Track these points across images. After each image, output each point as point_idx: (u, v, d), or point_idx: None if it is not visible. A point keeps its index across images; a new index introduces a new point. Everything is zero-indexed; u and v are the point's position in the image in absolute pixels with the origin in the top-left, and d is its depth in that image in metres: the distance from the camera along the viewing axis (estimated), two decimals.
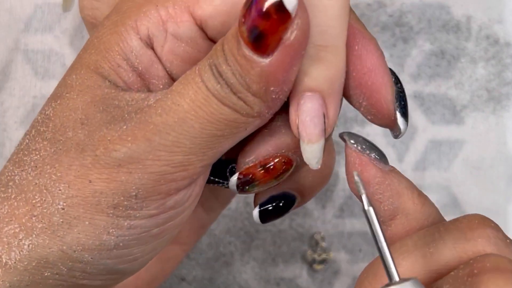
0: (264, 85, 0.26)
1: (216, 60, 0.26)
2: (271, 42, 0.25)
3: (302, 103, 0.27)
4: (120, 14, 0.29)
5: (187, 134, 0.26)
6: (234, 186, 0.30)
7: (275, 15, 0.24)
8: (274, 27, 0.24)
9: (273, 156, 0.29)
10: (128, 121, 0.27)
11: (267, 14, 0.24)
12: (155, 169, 0.27)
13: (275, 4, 0.24)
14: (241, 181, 0.30)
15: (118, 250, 0.28)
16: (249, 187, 0.30)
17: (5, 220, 0.27)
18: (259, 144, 0.29)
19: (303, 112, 0.27)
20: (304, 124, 0.27)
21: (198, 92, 0.26)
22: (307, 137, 0.27)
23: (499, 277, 0.23)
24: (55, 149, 0.27)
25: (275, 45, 0.25)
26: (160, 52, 0.28)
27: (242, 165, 0.30)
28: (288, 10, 0.24)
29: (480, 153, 0.47)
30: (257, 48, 0.25)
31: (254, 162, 0.29)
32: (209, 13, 0.27)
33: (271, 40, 0.25)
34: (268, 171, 0.29)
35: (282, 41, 0.25)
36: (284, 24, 0.24)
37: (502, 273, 0.23)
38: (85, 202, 0.27)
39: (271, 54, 0.25)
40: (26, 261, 0.27)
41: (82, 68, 0.29)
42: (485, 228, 0.26)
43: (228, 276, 0.46)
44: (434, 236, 0.26)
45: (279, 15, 0.24)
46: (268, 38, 0.25)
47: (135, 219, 0.28)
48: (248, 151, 0.29)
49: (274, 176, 0.29)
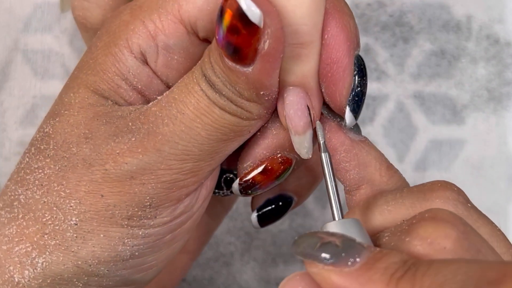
0: (254, 91, 0.26)
1: (206, 72, 0.27)
2: (248, 53, 0.25)
3: (285, 97, 0.27)
4: (111, 34, 0.29)
5: (195, 142, 0.27)
6: (237, 191, 0.30)
7: (244, 30, 0.24)
8: (246, 40, 0.24)
9: (269, 158, 0.29)
10: (136, 132, 0.27)
11: (236, 30, 0.24)
12: (167, 178, 0.27)
13: (240, 19, 0.24)
14: (243, 186, 0.30)
15: (133, 260, 0.28)
16: (251, 191, 0.30)
17: (15, 240, 0.27)
18: (253, 148, 0.29)
19: (287, 106, 0.27)
20: (290, 117, 0.27)
21: (200, 100, 0.27)
22: (293, 128, 0.27)
23: (430, 224, 0.23)
24: (60, 166, 0.27)
25: (253, 55, 0.25)
26: (155, 67, 0.29)
27: (241, 171, 0.30)
28: (254, 23, 0.24)
29: (480, 153, 0.47)
30: (237, 60, 0.25)
31: (252, 167, 0.30)
32: (195, 14, 0.27)
33: (247, 52, 0.25)
34: (267, 173, 0.30)
35: (258, 50, 0.25)
36: (255, 35, 0.24)
37: (435, 221, 0.23)
38: (98, 216, 0.27)
39: (252, 63, 0.25)
40: (41, 279, 0.27)
41: (80, 87, 0.29)
42: (446, 191, 0.26)
43: (228, 277, 0.46)
44: (395, 196, 0.27)
45: (247, 29, 0.24)
46: (244, 51, 0.25)
47: (149, 227, 0.28)
48: (245, 157, 0.30)
49: (274, 177, 0.30)
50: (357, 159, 0.29)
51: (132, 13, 0.28)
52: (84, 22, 0.36)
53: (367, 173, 0.29)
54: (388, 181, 0.29)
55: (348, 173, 0.29)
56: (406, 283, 0.20)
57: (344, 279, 0.21)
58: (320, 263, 0.22)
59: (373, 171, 0.29)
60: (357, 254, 0.22)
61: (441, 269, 0.20)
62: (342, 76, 0.27)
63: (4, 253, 0.27)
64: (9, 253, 0.27)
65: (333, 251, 0.22)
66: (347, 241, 0.22)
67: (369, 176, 0.29)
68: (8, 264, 0.27)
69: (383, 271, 0.21)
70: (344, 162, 0.29)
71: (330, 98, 0.28)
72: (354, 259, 0.21)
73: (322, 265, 0.22)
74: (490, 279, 0.19)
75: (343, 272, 0.21)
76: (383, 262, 0.21)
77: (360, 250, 0.22)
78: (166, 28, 0.28)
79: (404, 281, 0.20)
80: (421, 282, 0.20)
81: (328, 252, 0.22)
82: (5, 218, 0.28)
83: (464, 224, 0.23)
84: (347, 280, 0.21)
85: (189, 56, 0.29)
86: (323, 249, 0.22)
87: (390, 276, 0.21)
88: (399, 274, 0.21)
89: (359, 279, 0.21)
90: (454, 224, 0.23)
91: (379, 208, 0.27)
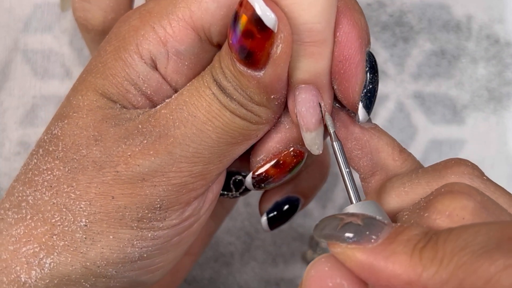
0: (265, 95, 0.27)
1: (216, 76, 0.27)
2: (261, 58, 0.26)
3: (297, 95, 0.27)
4: (120, 39, 0.29)
5: (206, 145, 0.27)
6: (250, 185, 0.31)
7: (259, 34, 0.25)
8: (261, 44, 0.25)
9: (282, 151, 0.30)
10: (147, 135, 0.27)
11: (251, 34, 0.25)
12: (178, 180, 0.27)
13: (255, 24, 0.25)
14: (256, 180, 0.30)
15: (141, 261, 0.28)
16: (265, 184, 0.31)
17: (23, 240, 0.27)
18: (267, 142, 0.30)
19: (299, 103, 0.27)
20: (301, 114, 0.28)
21: (212, 104, 0.27)
22: (305, 126, 0.28)
23: (447, 197, 0.23)
24: (70, 168, 0.28)
25: (266, 59, 0.26)
26: (164, 73, 0.29)
27: (254, 165, 0.31)
28: (269, 28, 0.25)
29: (480, 153, 0.46)
30: (249, 65, 0.26)
31: (265, 160, 0.30)
32: (209, 20, 0.28)
33: (260, 56, 0.25)
34: (280, 166, 0.30)
35: (270, 55, 0.25)
36: (269, 40, 0.25)
37: (452, 194, 0.23)
38: (108, 218, 0.27)
39: (263, 68, 0.26)
40: (48, 279, 0.27)
41: (88, 90, 0.29)
42: (460, 166, 0.26)
43: (228, 277, 0.46)
44: (411, 177, 0.27)
45: (262, 33, 0.25)
46: (257, 55, 0.25)
47: (159, 229, 0.28)
48: (258, 151, 0.30)
49: (287, 170, 0.30)
50: (368, 146, 0.29)
51: (142, 18, 0.28)
52: (85, 24, 0.36)
53: (380, 159, 0.29)
54: (402, 165, 0.29)
55: (361, 161, 0.29)
56: (429, 252, 0.20)
57: (368, 255, 0.21)
58: (343, 243, 0.22)
59: (385, 157, 0.29)
60: (379, 231, 0.22)
61: (461, 234, 0.20)
62: (354, 72, 0.27)
63: (11, 253, 0.27)
64: (16, 254, 0.27)
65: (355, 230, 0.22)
66: (368, 219, 0.23)
67: (383, 162, 0.29)
68: (14, 264, 0.27)
69: (406, 243, 0.21)
70: (356, 150, 0.29)
71: (343, 95, 0.28)
72: (376, 236, 0.22)
73: (345, 244, 0.22)
74: (510, 236, 0.20)
75: (366, 249, 0.22)
76: (404, 235, 0.22)
77: (381, 227, 0.22)
78: (177, 34, 0.28)
79: (427, 250, 0.21)
80: (443, 248, 0.20)
81: (351, 231, 0.22)
82: (13, 219, 0.28)
83: (481, 195, 0.24)
84: (371, 256, 0.21)
85: (200, 62, 0.29)
86: (345, 229, 0.22)
87: (413, 247, 0.21)
88: (422, 245, 0.21)
89: (382, 253, 0.21)
90: (470, 195, 0.23)
91: (396, 190, 0.27)
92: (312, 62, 0.27)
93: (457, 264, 0.20)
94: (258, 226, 0.46)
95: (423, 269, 0.20)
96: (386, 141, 0.29)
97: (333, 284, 0.22)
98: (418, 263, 0.20)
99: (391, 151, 0.29)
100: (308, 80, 0.27)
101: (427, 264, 0.20)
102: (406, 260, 0.21)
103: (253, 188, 0.31)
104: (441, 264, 0.20)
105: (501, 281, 0.19)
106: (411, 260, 0.21)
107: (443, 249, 0.20)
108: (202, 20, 0.28)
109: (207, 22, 0.28)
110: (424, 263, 0.20)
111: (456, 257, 0.20)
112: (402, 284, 0.21)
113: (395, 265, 0.21)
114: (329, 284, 0.22)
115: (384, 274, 0.21)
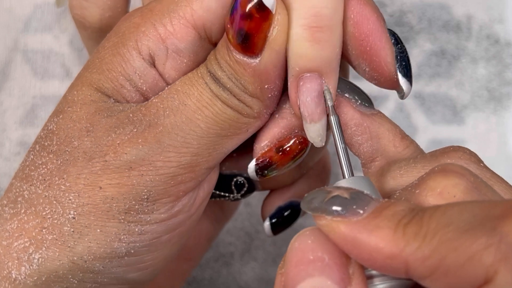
0: (259, 85, 0.27)
1: (211, 68, 0.27)
2: (257, 41, 0.26)
3: (301, 84, 0.27)
4: (120, 35, 0.29)
5: (194, 134, 0.27)
6: (253, 172, 0.30)
7: (257, 14, 0.26)
8: (258, 25, 0.26)
9: (287, 137, 0.30)
10: (137, 123, 0.27)
11: (250, 15, 0.26)
12: (165, 170, 0.27)
13: (256, 5, 0.26)
14: (259, 166, 0.30)
15: (129, 258, 0.28)
16: (267, 171, 0.30)
17: (15, 235, 0.27)
18: (272, 128, 0.30)
19: (303, 93, 0.27)
20: (306, 105, 0.27)
21: (203, 93, 0.27)
22: (309, 117, 0.28)
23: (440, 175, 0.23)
24: (62, 160, 0.28)
25: (262, 44, 0.26)
26: (162, 69, 0.29)
27: (258, 151, 0.30)
28: (268, 8, 0.26)
29: (480, 153, 0.46)
30: (246, 50, 0.26)
31: (270, 146, 0.30)
32: (210, 19, 0.28)
33: (257, 39, 0.26)
34: (285, 152, 0.30)
35: (267, 38, 0.26)
36: (267, 21, 0.26)
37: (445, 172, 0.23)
38: (96, 210, 0.27)
39: (260, 53, 0.26)
40: (36, 276, 0.27)
41: (84, 85, 0.29)
42: (457, 152, 0.26)
43: (228, 277, 0.46)
44: (408, 162, 0.27)
45: (260, 13, 0.26)
46: (254, 37, 0.26)
47: (146, 223, 0.28)
48: (262, 136, 0.30)
49: (291, 157, 0.30)
50: (369, 132, 0.29)
51: (143, 16, 0.29)
52: (82, 21, 0.36)
53: (381, 145, 0.29)
54: (403, 152, 0.29)
55: (361, 146, 0.29)
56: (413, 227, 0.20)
57: (352, 228, 0.21)
58: (329, 215, 0.22)
59: (386, 143, 0.29)
60: (365, 205, 0.22)
61: (447, 210, 0.20)
62: (381, 45, 0.27)
63: (4, 248, 0.27)
64: (9, 249, 0.27)
65: (341, 203, 0.22)
66: (355, 193, 0.22)
67: (383, 148, 0.29)
68: (7, 260, 0.27)
69: (390, 217, 0.21)
70: (356, 136, 0.29)
71: (378, 72, 0.28)
72: (363, 210, 0.22)
73: (331, 217, 0.22)
74: (496, 215, 0.20)
75: (351, 222, 0.21)
76: (390, 210, 0.21)
77: (368, 201, 0.22)
78: (177, 32, 0.28)
79: (412, 225, 0.20)
80: (428, 224, 0.20)
81: (337, 204, 0.22)
82: (8, 214, 0.28)
83: (474, 176, 0.23)
84: (355, 229, 0.21)
85: (198, 60, 0.29)
86: (332, 202, 0.22)
87: (397, 222, 0.21)
88: (407, 220, 0.21)
89: (366, 227, 0.21)
90: (463, 175, 0.23)
91: (392, 173, 0.27)
92: (318, 49, 0.27)
93: (440, 240, 0.20)
94: (258, 226, 0.46)
95: (405, 244, 0.20)
96: (387, 127, 0.29)
97: (314, 257, 0.22)
98: (401, 238, 0.20)
99: (392, 137, 0.29)
100: (314, 68, 0.27)
101: (410, 239, 0.20)
102: (389, 235, 0.21)
103: (256, 176, 0.31)
104: (424, 240, 0.20)
105: (482, 259, 0.19)
106: (394, 235, 0.20)
107: (427, 225, 0.20)
108: (203, 18, 0.28)
109: (208, 20, 0.28)
110: (407, 238, 0.20)
111: (439, 233, 0.20)
112: (383, 258, 0.21)
113: (377, 239, 0.21)
114: (310, 257, 0.22)
115: (366, 247, 0.21)
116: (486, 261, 0.19)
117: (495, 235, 0.19)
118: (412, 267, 0.20)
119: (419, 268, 0.20)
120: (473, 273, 0.19)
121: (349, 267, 0.22)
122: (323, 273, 0.22)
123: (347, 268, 0.22)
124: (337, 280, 0.21)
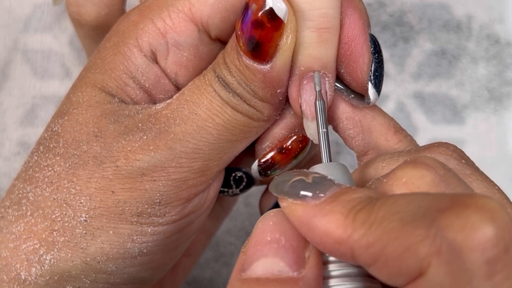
0: (269, 90, 0.27)
1: (220, 72, 0.27)
2: (269, 49, 0.26)
3: (305, 83, 0.28)
4: (120, 35, 0.29)
5: (206, 141, 0.27)
6: (256, 173, 0.31)
7: (269, 24, 0.25)
8: (270, 35, 0.26)
9: (287, 137, 0.30)
10: (147, 131, 0.27)
11: (261, 24, 0.25)
12: (178, 175, 0.27)
13: (266, 13, 0.25)
14: (262, 167, 0.30)
15: (141, 257, 0.28)
16: (271, 171, 0.31)
17: (23, 237, 0.27)
18: (272, 129, 0.30)
19: (307, 91, 0.28)
20: (309, 103, 0.28)
21: (213, 101, 0.27)
22: (311, 114, 0.28)
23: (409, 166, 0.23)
24: (70, 164, 0.28)
25: (273, 52, 0.26)
26: (164, 65, 0.29)
27: (260, 152, 0.31)
28: (280, 17, 0.25)
29: (481, 153, 0.46)
30: (256, 57, 0.26)
31: (271, 147, 0.30)
32: (208, 13, 0.28)
33: (268, 47, 0.26)
34: (286, 152, 0.30)
35: (279, 46, 0.26)
36: (278, 30, 0.25)
37: (414, 164, 0.23)
38: (108, 213, 0.27)
39: (270, 60, 0.26)
40: (48, 276, 0.27)
41: (88, 86, 0.29)
42: (440, 147, 0.26)
43: (228, 277, 0.45)
44: (393, 155, 0.27)
45: (272, 23, 0.25)
46: (265, 46, 0.26)
47: (158, 225, 0.28)
48: (264, 138, 0.30)
49: (293, 156, 0.30)
50: (360, 126, 0.29)
51: (141, 13, 0.29)
52: (78, 19, 0.37)
53: (373, 139, 0.29)
54: (395, 146, 0.29)
55: (354, 140, 0.29)
56: (363, 214, 0.21)
57: (308, 211, 0.22)
58: (291, 198, 0.22)
59: (377, 136, 0.29)
60: (326, 190, 0.22)
61: (397, 200, 0.21)
62: (361, 52, 0.28)
63: (11, 250, 0.27)
64: (16, 251, 0.27)
65: (303, 187, 0.22)
66: (317, 178, 0.23)
67: (375, 142, 0.29)
68: (15, 262, 0.27)
69: (345, 203, 0.21)
70: (348, 130, 0.29)
71: (351, 77, 0.28)
72: (323, 194, 0.22)
73: (292, 199, 0.22)
74: (439, 208, 0.20)
75: (308, 205, 0.22)
76: (347, 196, 0.22)
77: (329, 186, 0.22)
78: (176, 26, 0.28)
79: (362, 212, 0.21)
80: (377, 213, 0.20)
81: (298, 188, 0.22)
82: (13, 216, 0.28)
83: (446, 170, 0.23)
84: (310, 212, 0.22)
85: (199, 54, 0.29)
86: (294, 185, 0.23)
87: (350, 208, 0.21)
88: (360, 207, 0.21)
89: (321, 211, 0.21)
90: (433, 167, 0.23)
91: (375, 165, 0.27)
92: (325, 49, 0.27)
93: (384, 229, 0.20)
94: None
95: (352, 230, 0.20)
96: (380, 121, 0.29)
97: (271, 238, 0.22)
98: (350, 224, 0.21)
99: (385, 131, 0.29)
100: (319, 67, 0.27)
101: (357, 226, 0.20)
102: (340, 220, 0.21)
103: (259, 176, 0.31)
104: (370, 228, 0.20)
105: (417, 251, 0.19)
106: (344, 221, 0.21)
107: (376, 213, 0.20)
108: (201, 12, 0.28)
109: (205, 14, 0.28)
110: (355, 225, 0.21)
111: (385, 222, 0.20)
112: (332, 242, 0.21)
113: (329, 224, 0.21)
114: (267, 238, 0.22)
115: (318, 231, 0.21)
116: (421, 254, 0.19)
117: (433, 227, 0.19)
118: (356, 253, 0.20)
119: (363, 255, 0.20)
120: (409, 264, 0.19)
121: (306, 250, 0.22)
122: (277, 254, 0.22)
123: (303, 252, 0.22)
124: (290, 263, 0.22)
